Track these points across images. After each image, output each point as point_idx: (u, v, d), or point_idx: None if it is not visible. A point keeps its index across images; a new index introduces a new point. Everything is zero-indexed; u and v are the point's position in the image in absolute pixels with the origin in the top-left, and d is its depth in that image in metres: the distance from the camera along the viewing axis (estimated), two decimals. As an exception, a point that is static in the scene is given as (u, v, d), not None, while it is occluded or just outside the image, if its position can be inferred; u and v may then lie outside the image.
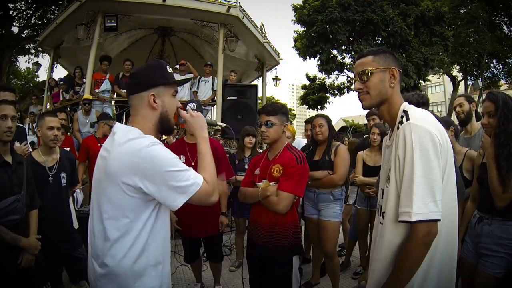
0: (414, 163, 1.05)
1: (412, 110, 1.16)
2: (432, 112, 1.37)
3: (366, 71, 1.20)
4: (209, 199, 1.21)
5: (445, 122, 2.30)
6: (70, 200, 2.77)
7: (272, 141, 2.08)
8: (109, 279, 1.15)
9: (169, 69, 1.29)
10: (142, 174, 1.11)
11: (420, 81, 17.01)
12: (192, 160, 2.44)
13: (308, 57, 17.65)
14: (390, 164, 1.18)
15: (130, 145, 1.14)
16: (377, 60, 1.20)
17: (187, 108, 2.48)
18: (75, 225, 2.74)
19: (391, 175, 1.15)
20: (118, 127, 1.25)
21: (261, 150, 4.15)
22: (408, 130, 1.08)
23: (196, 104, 2.56)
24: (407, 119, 1.11)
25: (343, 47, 17.51)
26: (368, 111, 3.39)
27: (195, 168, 1.24)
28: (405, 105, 1.19)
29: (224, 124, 1.57)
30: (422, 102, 2.00)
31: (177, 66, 6.44)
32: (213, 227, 2.70)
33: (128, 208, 1.14)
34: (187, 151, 2.54)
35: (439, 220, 1.05)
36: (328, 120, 3.00)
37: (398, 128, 1.15)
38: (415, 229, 1.06)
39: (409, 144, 1.07)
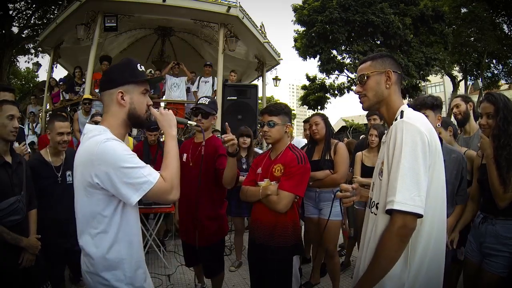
0: (402, 156, 1.10)
1: (408, 110, 1.23)
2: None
3: (364, 75, 1.30)
4: (166, 197, 1.22)
5: (444, 123, 2.31)
6: None
7: (274, 141, 2.09)
8: (90, 272, 1.22)
9: (140, 68, 1.32)
10: (97, 170, 1.14)
11: (420, 81, 17.01)
12: (191, 160, 2.42)
13: (308, 57, 17.63)
14: (383, 158, 1.24)
15: (88, 143, 1.19)
16: (374, 65, 1.30)
17: (199, 101, 2.42)
18: None
19: (384, 168, 1.20)
20: (86, 127, 1.30)
21: (260, 151, 4.16)
22: (400, 127, 1.15)
23: (208, 100, 2.42)
24: (401, 117, 1.19)
25: (343, 48, 17.50)
26: (368, 111, 3.41)
27: (196, 168, 1.26)
28: (404, 107, 1.26)
29: (195, 123, 1.63)
30: (436, 105, 2.04)
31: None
32: (202, 239, 2.34)
33: (93, 204, 1.19)
34: (190, 150, 2.47)
35: (421, 216, 1.08)
36: (324, 118, 3.01)
37: None
38: (392, 219, 1.10)
39: (399, 139, 1.13)
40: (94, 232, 1.20)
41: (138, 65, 1.31)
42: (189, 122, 1.60)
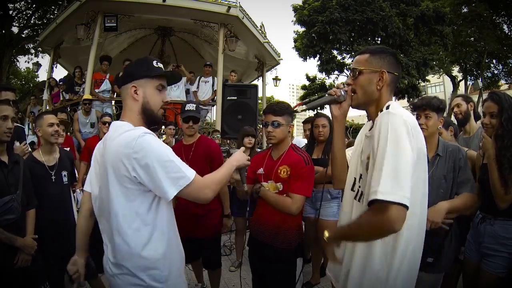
0: (387, 144, 1.03)
1: (394, 104, 1.19)
2: None
3: (357, 70, 1.22)
4: (199, 194, 1.22)
5: (444, 122, 2.30)
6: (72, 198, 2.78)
7: (278, 141, 2.06)
8: (122, 274, 1.20)
9: (156, 64, 1.31)
10: (135, 163, 1.14)
11: (420, 81, 17.00)
12: (186, 161, 2.44)
13: (308, 57, 17.63)
14: (369, 152, 1.19)
15: (123, 138, 1.18)
16: (370, 60, 1.21)
17: (186, 109, 2.51)
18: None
19: (370, 161, 1.15)
20: (112, 124, 1.31)
21: (260, 150, 4.14)
22: (386, 118, 1.09)
23: (194, 105, 2.56)
24: (387, 109, 1.15)
25: (343, 47, 17.50)
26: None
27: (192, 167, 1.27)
28: (390, 102, 1.21)
29: (246, 188, 1.68)
30: (441, 108, 2.02)
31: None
32: (206, 229, 2.55)
33: (129, 201, 1.18)
34: (182, 152, 2.54)
35: (407, 206, 0.97)
36: (330, 120, 3.01)
37: None
38: (382, 209, 0.98)
39: (384, 129, 1.07)
40: (127, 231, 1.18)
41: (155, 61, 1.31)
42: (244, 184, 1.63)
